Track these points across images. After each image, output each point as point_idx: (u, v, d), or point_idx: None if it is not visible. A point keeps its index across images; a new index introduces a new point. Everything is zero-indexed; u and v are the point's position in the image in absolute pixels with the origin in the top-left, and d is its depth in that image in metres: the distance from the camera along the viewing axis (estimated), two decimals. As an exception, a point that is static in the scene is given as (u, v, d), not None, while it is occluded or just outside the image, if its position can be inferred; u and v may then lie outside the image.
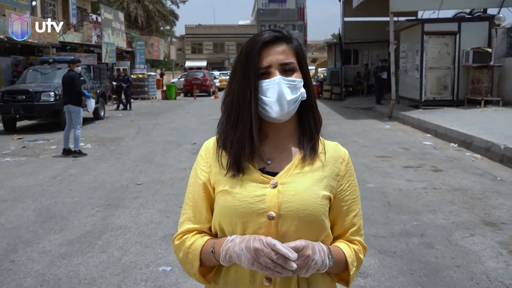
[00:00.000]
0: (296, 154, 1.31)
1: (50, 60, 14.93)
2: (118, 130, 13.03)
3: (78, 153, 8.91)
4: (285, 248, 1.10)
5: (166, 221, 4.89)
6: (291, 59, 1.28)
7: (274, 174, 1.27)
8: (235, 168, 1.26)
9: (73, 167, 7.86)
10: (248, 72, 1.25)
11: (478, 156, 8.50)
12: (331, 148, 1.36)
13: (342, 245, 1.31)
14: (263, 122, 1.29)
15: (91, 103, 9.56)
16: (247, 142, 1.26)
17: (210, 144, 1.37)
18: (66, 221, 4.95)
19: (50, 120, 13.30)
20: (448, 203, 5.57)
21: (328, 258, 1.21)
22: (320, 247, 1.19)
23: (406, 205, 5.51)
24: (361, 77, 23.90)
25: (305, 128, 1.33)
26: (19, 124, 13.55)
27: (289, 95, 1.24)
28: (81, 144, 9.57)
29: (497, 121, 10.97)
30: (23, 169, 7.79)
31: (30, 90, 12.43)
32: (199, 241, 1.28)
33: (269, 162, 1.30)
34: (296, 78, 1.27)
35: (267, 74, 1.26)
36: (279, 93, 1.23)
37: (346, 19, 23.64)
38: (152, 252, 4.04)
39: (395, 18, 17.70)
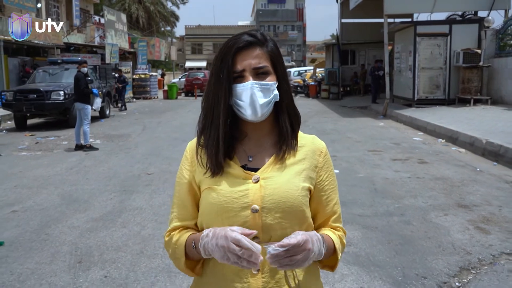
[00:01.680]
0: (276, 150, 1.38)
1: (59, 61, 15.58)
2: (124, 128, 13.67)
3: (89, 148, 9.54)
4: (249, 242, 1.15)
5: (177, 204, 5.52)
6: (264, 63, 1.33)
7: (255, 170, 1.34)
8: (213, 168, 1.33)
9: (87, 160, 8.50)
10: (222, 76, 1.31)
11: (463, 150, 9.14)
12: (309, 142, 1.43)
13: (329, 233, 1.39)
14: (242, 122, 1.37)
15: (97, 101, 10.23)
16: (221, 142, 1.32)
17: (194, 144, 1.43)
18: (88, 203, 5.59)
19: (59, 117, 13.94)
20: (429, 190, 6.20)
21: (323, 246, 1.28)
22: (316, 237, 1.26)
23: (391, 191, 6.14)
24: (358, 77, 24.55)
25: (282, 125, 1.38)
26: (29, 122, 14.21)
27: (261, 99, 1.31)
28: (91, 140, 10.19)
29: (483, 118, 11.61)
30: (40, 162, 8.42)
31: (41, 89, 13.07)
32: (183, 237, 1.35)
33: (250, 159, 1.37)
34: (269, 82, 1.33)
35: (241, 77, 1.32)
36: (251, 97, 1.30)
37: (343, 20, 24.28)
38: (167, 227, 4.67)
39: (392, 20, 18.37)
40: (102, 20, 28.82)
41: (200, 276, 1.37)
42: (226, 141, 1.33)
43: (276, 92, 1.34)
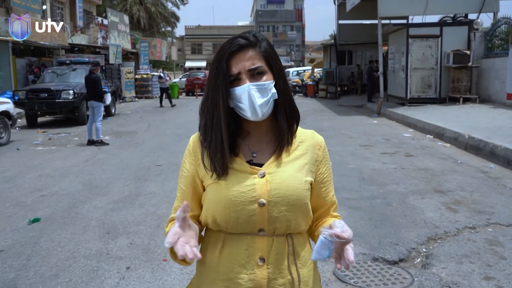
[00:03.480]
0: (278, 146, 1.43)
1: (67, 62, 16.30)
2: (130, 125, 14.38)
3: (100, 143, 10.25)
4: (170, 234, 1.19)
5: (186, 189, 6.23)
6: (259, 63, 1.37)
7: (260, 165, 1.40)
8: (218, 172, 1.37)
9: (100, 154, 9.21)
10: (218, 80, 1.35)
11: (448, 145, 9.85)
12: (309, 137, 1.50)
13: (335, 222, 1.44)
14: (244, 120, 1.41)
15: (108, 97, 11.00)
16: (226, 145, 1.36)
17: (195, 138, 1.48)
18: (107, 189, 6.31)
19: (69, 115, 14.64)
20: (411, 178, 6.91)
21: None
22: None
23: (376, 180, 6.85)
24: (355, 76, 25.25)
25: (282, 122, 1.42)
26: (39, 120, 14.93)
27: (259, 99, 1.35)
28: (100, 136, 10.89)
29: (470, 116, 12.33)
30: (57, 155, 9.13)
31: (52, 88, 13.80)
32: (168, 227, 1.44)
33: (254, 155, 1.42)
34: (266, 81, 1.37)
35: (238, 80, 1.36)
36: (250, 99, 1.34)
37: (340, 21, 24.96)
38: (178, 207, 5.38)
39: (388, 21, 19.08)
40: (105, 21, 29.52)
41: (188, 265, 1.37)
42: (230, 140, 1.38)
43: (273, 90, 1.38)
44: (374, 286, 3.44)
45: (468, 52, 15.17)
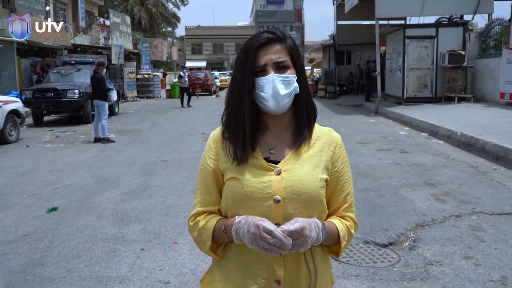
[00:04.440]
0: (295, 143, 1.45)
1: (72, 62, 16.69)
2: (134, 124, 14.77)
3: (106, 140, 10.63)
4: (280, 234, 1.26)
5: (192, 182, 6.60)
6: (285, 58, 1.41)
7: (277, 162, 1.42)
8: (239, 158, 1.41)
9: (107, 150, 9.60)
10: (245, 71, 1.39)
11: (442, 142, 10.24)
12: (325, 134, 1.51)
13: (336, 221, 1.46)
14: (264, 114, 1.45)
15: (114, 94, 11.38)
16: (248, 133, 1.40)
17: (216, 133, 1.52)
18: (117, 182, 6.70)
19: (74, 114, 15.03)
20: (404, 173, 7.29)
21: (322, 233, 1.36)
22: (315, 224, 1.35)
23: (371, 174, 7.23)
24: (354, 76, 25.63)
25: (301, 118, 1.46)
26: (45, 118, 15.33)
27: (282, 90, 1.38)
28: (106, 133, 11.27)
29: (463, 114, 12.71)
30: (66, 152, 9.52)
31: (58, 88, 14.20)
32: (211, 222, 1.43)
33: (271, 151, 1.45)
34: (290, 75, 1.41)
35: (263, 71, 1.40)
36: (274, 89, 1.37)
37: (339, 22, 25.35)
38: (185, 198, 5.77)
39: (386, 22, 19.47)
40: (107, 22, 29.93)
41: (222, 259, 1.47)
42: (251, 133, 1.42)
43: (296, 84, 1.42)
44: (364, 264, 3.83)
45: (463, 52, 15.56)
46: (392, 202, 5.64)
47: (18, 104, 11.28)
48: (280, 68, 1.40)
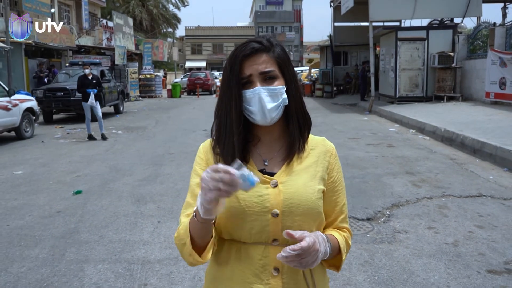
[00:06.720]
0: (289, 154, 1.40)
1: (80, 63, 17.46)
2: (139, 121, 15.58)
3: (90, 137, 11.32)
4: (225, 166, 1.14)
5: (197, 171, 7.41)
6: (271, 68, 1.35)
7: (272, 174, 1.38)
8: None
9: (117, 145, 10.41)
10: (232, 82, 1.35)
11: (427, 137, 11.04)
12: (320, 144, 1.47)
13: (335, 233, 1.42)
14: (255, 126, 1.40)
15: (92, 97, 11.39)
16: (237, 149, 1.35)
17: (206, 145, 1.47)
18: (131, 171, 7.50)
19: (82, 112, 15.72)
20: (388, 164, 8.09)
21: (328, 246, 1.31)
22: (322, 237, 1.30)
23: (358, 164, 8.03)
24: (350, 76, 26.43)
25: (293, 129, 1.40)
26: (54, 117, 16.13)
27: (269, 104, 1.33)
28: (113, 131, 12.07)
29: (450, 112, 13.52)
30: (79, 146, 10.32)
31: (67, 87, 15.02)
32: (187, 219, 1.36)
33: (266, 163, 1.40)
34: (277, 86, 1.35)
35: (249, 83, 1.35)
36: (260, 102, 1.33)
37: (336, 23, 26.14)
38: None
39: (381, 23, 20.25)
40: (109, 23, 30.73)
41: (205, 262, 1.35)
42: (241, 145, 1.37)
43: (284, 96, 1.36)
44: (344, 232, 4.62)
45: (452, 54, 16.38)
46: (374, 187, 6.44)
47: (33, 103, 12.07)
48: (267, 79, 1.35)
